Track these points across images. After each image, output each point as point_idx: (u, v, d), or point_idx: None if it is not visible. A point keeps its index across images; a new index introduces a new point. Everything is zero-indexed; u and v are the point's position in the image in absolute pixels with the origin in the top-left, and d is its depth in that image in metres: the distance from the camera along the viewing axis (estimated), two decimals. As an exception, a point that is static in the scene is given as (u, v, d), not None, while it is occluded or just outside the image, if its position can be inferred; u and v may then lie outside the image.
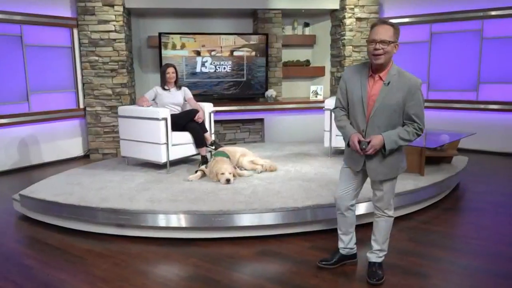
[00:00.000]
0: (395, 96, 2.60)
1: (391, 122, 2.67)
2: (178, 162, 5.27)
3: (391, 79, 2.62)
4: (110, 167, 5.28)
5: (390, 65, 2.65)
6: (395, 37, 2.58)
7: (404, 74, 2.64)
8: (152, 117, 4.83)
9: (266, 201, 3.83)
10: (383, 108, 2.64)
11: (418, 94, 2.62)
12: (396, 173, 2.85)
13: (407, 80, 2.62)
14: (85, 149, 6.93)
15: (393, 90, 2.61)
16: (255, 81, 7.42)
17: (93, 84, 6.66)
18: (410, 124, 2.65)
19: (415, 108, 2.62)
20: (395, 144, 2.65)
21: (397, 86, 2.61)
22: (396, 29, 2.59)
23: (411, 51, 7.15)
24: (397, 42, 2.60)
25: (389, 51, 2.57)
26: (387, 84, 2.63)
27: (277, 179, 4.56)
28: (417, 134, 2.66)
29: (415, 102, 2.62)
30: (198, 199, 3.93)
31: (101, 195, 4.11)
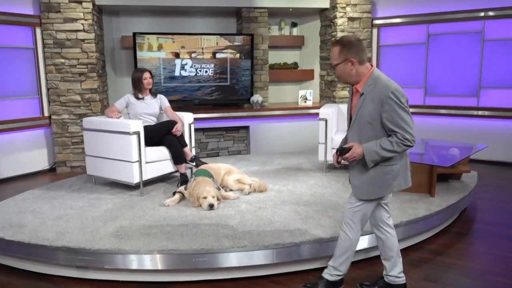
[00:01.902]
0: (367, 108, 2.43)
1: (371, 134, 2.46)
2: (153, 181, 4.55)
3: (366, 89, 2.44)
4: (74, 188, 4.53)
5: (367, 75, 2.46)
6: (342, 56, 2.42)
7: (378, 83, 2.41)
8: (122, 130, 4.10)
9: (257, 235, 3.15)
10: (359, 120, 2.49)
11: (390, 103, 2.35)
12: (376, 195, 2.56)
13: (378, 90, 2.39)
14: (51, 162, 6.14)
15: (367, 101, 2.44)
16: (239, 86, 6.74)
17: (59, 89, 5.88)
18: (393, 134, 2.40)
19: (391, 119, 2.37)
20: (376, 154, 2.42)
21: (369, 97, 2.43)
22: (342, 45, 2.43)
23: (406, 54, 6.57)
24: (348, 59, 2.41)
25: (343, 72, 2.46)
26: (361, 95, 2.46)
27: (268, 203, 3.89)
28: (404, 144, 2.38)
29: (389, 112, 2.37)
30: (176, 233, 3.23)
31: (58, 228, 3.37)
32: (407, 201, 3.84)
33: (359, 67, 2.43)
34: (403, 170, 2.55)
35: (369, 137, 2.46)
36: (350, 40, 2.44)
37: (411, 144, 2.37)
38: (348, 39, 2.45)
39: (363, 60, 2.45)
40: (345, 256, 2.70)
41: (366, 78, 2.45)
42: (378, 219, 2.75)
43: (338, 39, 2.50)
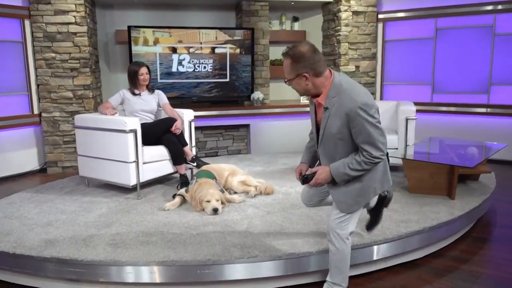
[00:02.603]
0: (335, 124, 2.19)
1: (346, 150, 2.26)
2: (151, 183, 4.21)
3: (329, 103, 2.20)
4: (66, 190, 4.18)
5: (328, 86, 2.20)
6: (294, 71, 2.17)
7: (343, 94, 2.15)
8: (118, 128, 3.76)
9: (268, 243, 2.83)
10: (328, 137, 2.27)
11: (359, 118, 2.11)
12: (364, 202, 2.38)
13: (343, 104, 2.14)
14: (41, 162, 5.78)
15: (332, 116, 2.19)
16: (239, 82, 6.41)
17: (50, 85, 5.52)
18: (360, 153, 2.20)
19: (360, 136, 2.15)
20: (345, 175, 2.26)
21: (335, 112, 2.18)
22: (293, 59, 2.15)
23: (413, 49, 6.28)
24: (301, 74, 2.15)
25: (299, 87, 2.21)
26: (326, 109, 2.22)
27: (277, 207, 3.57)
28: (372, 162, 2.20)
29: (358, 128, 2.14)
30: (178, 241, 2.90)
31: (47, 235, 3.03)
32: (426, 204, 3.54)
33: (316, 79, 2.18)
34: (384, 172, 2.39)
35: (344, 152, 2.27)
36: (301, 52, 2.14)
37: (380, 161, 2.21)
38: (299, 52, 2.15)
39: (320, 72, 2.18)
40: (342, 269, 2.47)
41: (327, 90, 2.20)
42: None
43: (289, 51, 2.19)
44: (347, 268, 2.48)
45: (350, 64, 6.33)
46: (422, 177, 3.74)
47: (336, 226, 2.37)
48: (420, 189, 3.77)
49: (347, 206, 2.34)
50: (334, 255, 2.44)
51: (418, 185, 3.77)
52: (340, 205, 2.35)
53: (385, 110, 4.86)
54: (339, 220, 2.36)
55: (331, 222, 2.40)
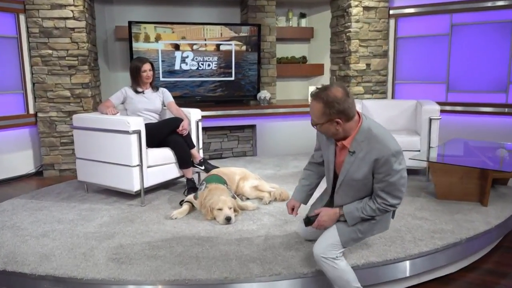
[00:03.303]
0: (361, 170, 2.08)
1: (360, 194, 2.19)
2: (155, 188, 3.88)
3: (357, 147, 2.08)
4: (63, 196, 3.84)
5: (356, 130, 2.08)
6: (326, 116, 2.02)
7: (374, 140, 2.05)
8: (120, 129, 3.42)
9: (291, 258, 2.51)
10: (349, 181, 2.15)
11: (388, 166, 2.02)
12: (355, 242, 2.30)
13: (373, 150, 2.04)
14: (37, 164, 5.43)
15: (359, 161, 2.08)
16: (245, 81, 6.08)
17: (46, 84, 5.17)
18: (375, 200, 2.12)
19: (381, 184, 2.07)
20: (358, 219, 2.18)
21: (363, 157, 2.07)
22: (326, 104, 2.00)
23: (427, 46, 5.97)
24: (333, 119, 2.02)
25: (327, 131, 2.10)
26: (352, 153, 2.10)
27: (298, 215, 3.23)
28: (386, 210, 2.14)
29: (384, 175, 2.04)
30: (189, 255, 2.57)
31: (43, 248, 2.69)
32: (457, 212, 3.23)
33: (347, 124, 2.06)
34: (388, 215, 2.30)
35: (362, 195, 2.19)
36: (336, 97, 1.99)
37: (395, 209, 2.16)
38: (334, 96, 1.99)
39: (352, 117, 2.05)
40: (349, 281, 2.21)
41: (355, 133, 2.09)
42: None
43: (321, 94, 2.02)
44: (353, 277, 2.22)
45: (360, 62, 6.02)
46: (450, 182, 3.42)
47: (328, 252, 2.18)
48: (448, 195, 3.46)
49: (349, 240, 2.23)
50: (334, 273, 2.19)
51: (446, 190, 3.45)
52: (343, 238, 2.21)
53: (404, 109, 4.55)
54: (331, 248, 2.19)
55: (320, 249, 2.19)
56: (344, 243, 2.21)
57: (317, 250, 2.19)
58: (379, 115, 4.51)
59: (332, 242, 2.19)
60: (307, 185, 2.52)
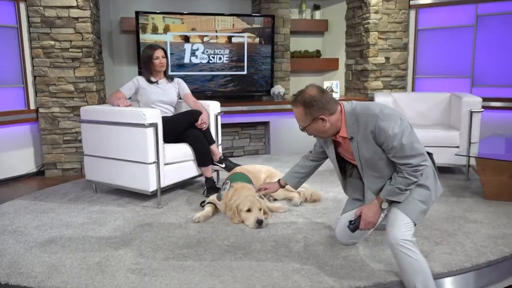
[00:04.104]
0: (368, 149, 2.07)
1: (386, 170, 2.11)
2: (171, 188, 3.50)
3: (352, 132, 2.10)
4: (70, 197, 3.46)
5: (343, 118, 2.11)
6: (309, 116, 2.07)
7: (360, 117, 2.06)
8: (135, 122, 3.05)
9: (340, 268, 2.15)
10: (367, 164, 2.13)
11: (383, 132, 1.98)
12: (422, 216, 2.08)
13: (366, 123, 2.03)
14: (38, 163, 5.04)
15: (362, 142, 2.08)
16: (258, 76, 5.72)
17: (48, 77, 4.78)
18: (400, 170, 2.03)
19: (392, 151, 2.00)
20: (401, 195, 2.04)
21: (362, 137, 2.07)
22: (305, 106, 2.05)
23: (450, 38, 5.63)
24: (317, 117, 2.06)
25: (316, 131, 2.14)
26: (352, 139, 2.11)
27: (332, 217, 2.88)
28: (419, 171, 1.99)
29: (387, 143, 1.99)
30: (221, 265, 2.20)
31: (50, 258, 2.31)
32: (504, 215, 2.87)
33: (332, 117, 2.07)
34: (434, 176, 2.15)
35: (390, 169, 2.09)
36: (311, 96, 2.04)
37: (425, 166, 2.00)
38: (309, 96, 2.04)
39: (334, 110, 2.07)
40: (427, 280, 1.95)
41: (344, 121, 2.10)
42: None
43: (297, 98, 2.08)
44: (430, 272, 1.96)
45: (379, 55, 5.68)
46: (500, 180, 3.07)
47: (406, 234, 1.95)
48: (498, 195, 3.11)
49: (416, 213, 2.02)
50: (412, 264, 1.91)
51: (496, 190, 3.10)
52: (411, 214, 2.01)
53: (436, 103, 4.21)
54: (406, 229, 1.97)
55: (397, 232, 1.95)
56: (415, 219, 2.02)
57: (395, 235, 1.95)
58: (410, 108, 4.17)
59: (404, 223, 1.98)
60: (303, 173, 2.55)
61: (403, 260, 1.92)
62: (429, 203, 2.09)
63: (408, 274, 1.93)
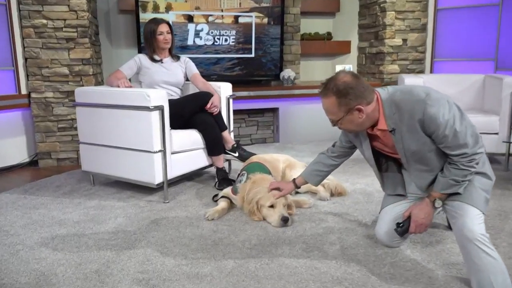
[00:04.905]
0: (416, 140, 1.75)
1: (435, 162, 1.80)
2: (178, 180, 3.09)
3: (393, 123, 1.77)
4: (64, 190, 3.06)
5: (381, 107, 1.78)
6: (344, 107, 1.73)
7: (403, 105, 1.73)
8: (138, 104, 2.64)
9: (389, 277, 1.76)
10: (414, 157, 1.82)
11: (433, 119, 1.66)
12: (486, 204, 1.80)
13: (411, 112, 1.70)
14: (31, 153, 4.62)
15: (406, 134, 1.76)
16: (266, 59, 5.30)
17: (41, 59, 4.35)
18: (452, 162, 1.72)
19: (444, 140, 1.68)
20: (457, 187, 1.74)
21: (407, 128, 1.74)
22: (338, 95, 1.71)
23: (472, 18, 5.20)
24: (353, 108, 1.72)
25: (351, 124, 1.80)
26: (393, 131, 1.79)
27: (366, 214, 2.49)
28: (473, 161, 1.69)
29: (437, 132, 1.67)
30: (246, 273, 1.81)
31: (40, 264, 1.92)
32: None
33: (368, 107, 1.77)
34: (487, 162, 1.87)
35: (439, 160, 1.80)
36: (346, 83, 1.73)
37: (482, 153, 1.73)
38: (344, 82, 1.73)
39: (371, 98, 1.77)
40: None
41: (382, 112, 1.79)
42: None
43: (328, 86, 1.75)
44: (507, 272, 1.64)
45: (396, 36, 5.27)
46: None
47: (482, 228, 1.68)
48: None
49: (482, 204, 1.77)
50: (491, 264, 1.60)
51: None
52: (479, 204, 1.75)
53: (469, 85, 3.83)
54: (480, 221, 1.71)
55: (475, 227, 1.66)
56: (484, 209, 1.76)
57: (472, 229, 1.65)
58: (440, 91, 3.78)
59: (475, 215, 1.72)
60: (326, 171, 2.24)
61: (480, 258, 1.60)
62: (490, 192, 1.83)
63: (485, 275, 1.59)
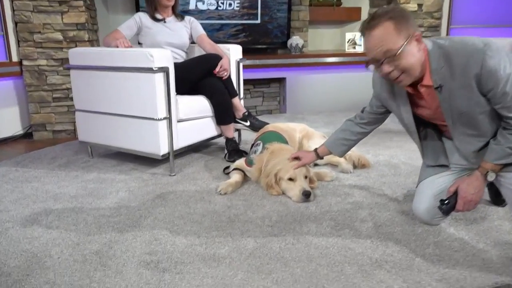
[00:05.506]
0: (465, 101, 1.49)
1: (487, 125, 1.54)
2: (184, 151, 2.81)
3: (441, 78, 1.50)
4: (60, 162, 2.78)
5: (426, 57, 1.49)
6: (406, 30, 1.44)
7: (455, 56, 1.44)
8: (140, 66, 2.34)
9: (438, 260, 1.52)
10: (462, 119, 1.55)
11: (494, 74, 1.39)
12: None
13: (461, 66, 1.43)
14: (25, 124, 4.33)
15: (456, 91, 1.49)
16: (273, 25, 4.97)
17: (32, 24, 4.01)
18: (509, 128, 1.47)
19: (502, 99, 1.42)
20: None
21: (458, 85, 1.47)
22: (396, 18, 1.44)
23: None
24: (413, 34, 1.45)
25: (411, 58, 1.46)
26: (439, 89, 1.52)
27: (394, 187, 2.23)
28: None
29: (496, 89, 1.41)
30: (267, 254, 1.56)
31: (31, 244, 1.66)
32: None
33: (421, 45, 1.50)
34: None
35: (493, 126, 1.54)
36: (400, 8, 1.52)
37: None
38: (400, 8, 1.53)
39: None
40: None
41: (427, 62, 1.51)
42: None
43: (380, 13, 1.48)
44: None
45: (411, 1, 4.92)
46: None
47: None
48: None
49: None
50: None
51: None
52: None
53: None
54: None
55: None
56: None
57: None
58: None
59: None
60: (353, 141, 2.00)
61: None
62: None
63: None
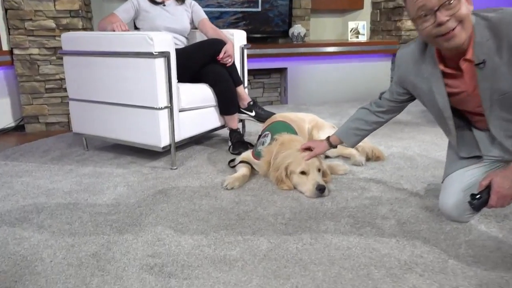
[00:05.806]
0: (509, 81, 1.32)
1: None
2: (186, 144, 2.64)
3: (485, 52, 1.32)
4: (53, 155, 2.60)
5: (471, 29, 1.31)
6: None
7: (504, 26, 1.28)
8: (139, 50, 2.16)
9: (474, 262, 1.37)
10: (499, 103, 1.37)
11: None
12: None
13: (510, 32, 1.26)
14: (16, 116, 4.14)
15: (500, 70, 1.32)
16: (274, 13, 4.79)
17: (23, 11, 3.82)
18: None
19: None
20: None
21: (504, 60, 1.30)
22: None
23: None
24: None
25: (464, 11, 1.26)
26: (481, 65, 1.33)
27: (413, 180, 2.07)
28: None
29: None
30: (284, 256, 1.40)
31: (21, 246, 1.49)
32: None
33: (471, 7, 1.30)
34: None
35: None
36: None
37: None
38: None
39: None
40: None
41: (472, 36, 1.32)
42: None
43: None
44: None
45: None
46: None
47: None
48: None
49: None
50: None
51: None
52: None
53: None
54: None
55: None
56: None
57: None
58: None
59: None
60: (367, 130, 1.84)
61: None
62: None
63: None
